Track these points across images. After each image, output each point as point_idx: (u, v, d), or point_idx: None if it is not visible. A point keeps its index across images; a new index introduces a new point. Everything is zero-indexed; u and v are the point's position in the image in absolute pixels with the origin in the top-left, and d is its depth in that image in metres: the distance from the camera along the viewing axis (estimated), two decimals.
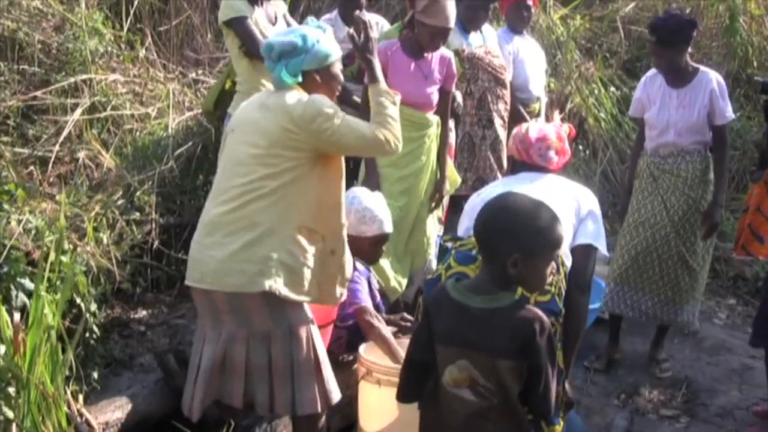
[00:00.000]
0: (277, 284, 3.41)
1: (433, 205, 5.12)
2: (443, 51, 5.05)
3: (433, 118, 5.04)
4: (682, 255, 5.19)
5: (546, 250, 2.71)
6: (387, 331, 4.15)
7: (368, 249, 4.34)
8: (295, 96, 3.51)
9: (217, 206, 3.52)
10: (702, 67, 5.24)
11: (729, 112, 5.12)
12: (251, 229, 3.42)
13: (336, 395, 3.66)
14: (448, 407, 2.78)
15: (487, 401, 2.69)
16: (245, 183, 3.46)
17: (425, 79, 4.96)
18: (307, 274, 3.51)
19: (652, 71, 5.37)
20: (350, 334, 4.33)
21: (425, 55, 4.98)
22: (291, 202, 3.45)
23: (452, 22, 4.84)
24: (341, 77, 3.73)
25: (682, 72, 5.14)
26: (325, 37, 3.61)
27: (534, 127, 3.82)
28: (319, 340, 3.65)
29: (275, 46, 3.52)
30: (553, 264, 2.81)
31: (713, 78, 5.13)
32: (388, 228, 4.39)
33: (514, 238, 2.67)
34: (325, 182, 3.57)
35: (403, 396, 3.01)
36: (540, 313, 2.69)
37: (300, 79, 3.55)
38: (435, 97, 5.02)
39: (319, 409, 3.59)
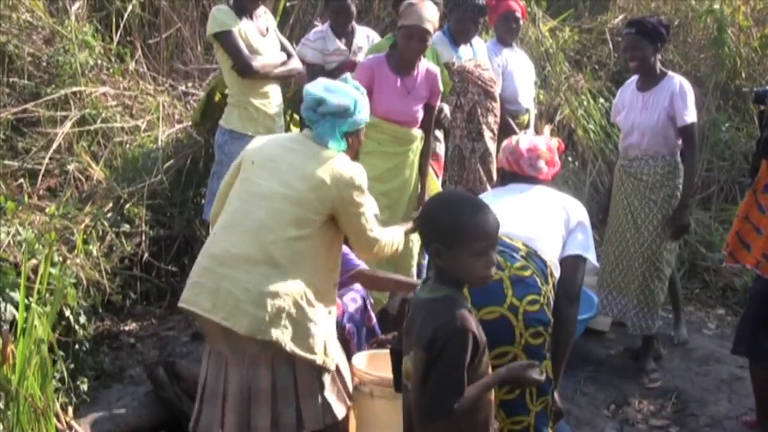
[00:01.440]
0: (284, 336, 3.35)
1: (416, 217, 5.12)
2: (430, 66, 5.06)
3: (417, 133, 5.06)
4: (648, 257, 5.27)
5: (463, 240, 2.64)
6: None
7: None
8: (342, 157, 3.52)
9: (236, 236, 3.43)
10: (670, 73, 5.34)
11: (688, 116, 5.14)
12: (271, 269, 3.36)
13: (349, 402, 3.72)
14: (403, 399, 2.85)
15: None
16: (270, 221, 3.39)
17: (409, 95, 4.97)
18: (314, 330, 3.44)
19: (630, 80, 5.50)
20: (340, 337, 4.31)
21: (411, 70, 4.98)
22: (309, 255, 3.42)
23: (427, 24, 4.79)
24: (363, 139, 3.79)
25: (651, 73, 5.25)
26: (364, 102, 3.64)
27: (524, 139, 3.85)
28: (338, 345, 3.70)
29: (328, 104, 3.47)
30: (500, 259, 2.84)
31: (677, 81, 5.21)
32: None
33: (433, 227, 2.70)
34: (336, 244, 3.59)
35: (395, 385, 3.04)
36: (464, 315, 2.60)
37: (345, 147, 3.58)
38: (420, 114, 5.03)
39: (344, 413, 3.62)
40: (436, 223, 2.69)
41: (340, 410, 3.59)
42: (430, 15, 4.81)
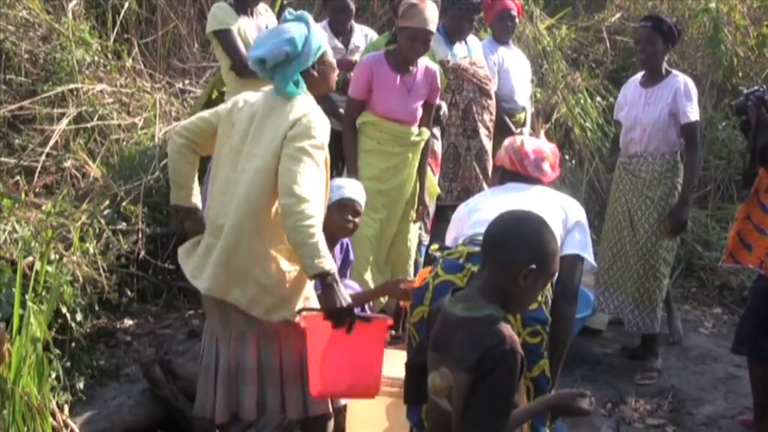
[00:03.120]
0: (242, 298, 3.41)
1: (415, 215, 5.12)
2: (428, 63, 5.05)
3: (417, 132, 5.04)
4: (643, 255, 5.28)
5: (555, 269, 2.66)
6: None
7: (338, 219, 4.24)
8: (303, 104, 3.49)
9: (220, 206, 3.51)
10: (675, 71, 5.37)
11: (692, 113, 5.19)
12: (244, 235, 3.41)
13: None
14: (430, 415, 2.77)
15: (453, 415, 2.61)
16: (246, 193, 3.42)
17: (409, 94, 4.95)
18: (284, 293, 3.46)
19: (634, 77, 5.53)
20: None
21: (410, 68, 4.96)
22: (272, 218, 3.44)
23: (431, 25, 4.76)
24: (335, 62, 3.69)
25: (657, 70, 5.29)
26: (310, 30, 3.53)
27: (529, 140, 3.86)
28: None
29: (267, 59, 3.45)
30: None
31: (681, 80, 5.25)
32: (349, 193, 4.29)
33: (537, 249, 2.59)
34: None
35: (406, 398, 3.03)
36: (510, 332, 2.52)
37: (304, 87, 3.54)
38: (419, 112, 5.01)
39: (330, 410, 3.60)
40: (544, 247, 2.60)
41: (323, 405, 3.57)
42: (433, 15, 4.79)
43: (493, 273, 2.62)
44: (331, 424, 3.68)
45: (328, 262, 3.25)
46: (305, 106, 3.48)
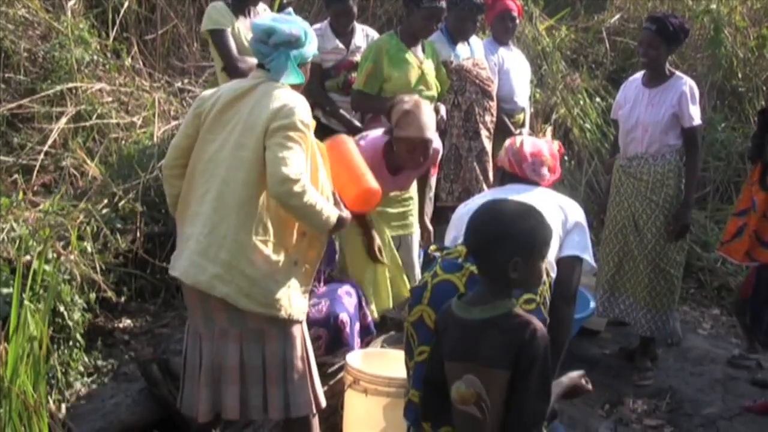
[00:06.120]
0: (223, 289, 3.40)
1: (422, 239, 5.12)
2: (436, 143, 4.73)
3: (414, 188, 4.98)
4: (653, 259, 5.26)
5: (543, 247, 2.70)
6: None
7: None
8: (289, 94, 3.48)
9: (200, 198, 3.50)
10: (678, 73, 5.35)
11: (696, 117, 5.18)
12: (223, 222, 3.42)
13: (323, 399, 3.65)
14: (458, 425, 2.73)
15: (489, 418, 2.62)
16: (227, 185, 3.43)
17: (405, 184, 4.86)
18: (271, 285, 3.45)
19: (634, 76, 5.51)
20: (330, 334, 4.28)
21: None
22: (262, 205, 3.43)
23: (429, 132, 4.41)
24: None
25: (660, 72, 5.25)
26: (313, 34, 3.60)
27: (528, 142, 3.85)
28: (309, 340, 3.64)
29: (277, 32, 3.44)
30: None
31: (686, 82, 5.22)
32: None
33: (511, 242, 2.63)
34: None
35: (425, 416, 2.98)
36: (535, 320, 2.64)
37: (302, 79, 3.55)
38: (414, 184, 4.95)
39: (313, 411, 3.58)
40: (519, 236, 2.64)
41: (306, 406, 3.55)
42: (430, 120, 4.47)
43: (488, 274, 2.71)
44: (315, 423, 3.66)
45: (334, 211, 3.52)
46: (285, 96, 3.46)
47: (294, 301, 3.51)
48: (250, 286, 3.40)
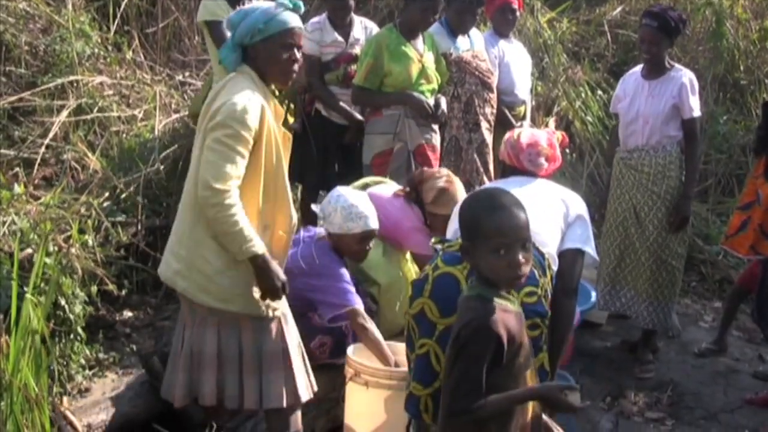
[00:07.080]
0: (184, 284, 3.48)
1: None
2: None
3: None
4: (654, 251, 5.27)
5: (481, 236, 2.60)
6: (378, 333, 4.12)
7: (355, 247, 4.32)
8: (235, 85, 3.45)
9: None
10: (678, 65, 5.38)
11: (696, 109, 5.20)
12: (187, 222, 3.50)
13: (305, 394, 3.61)
14: None
15: None
16: (189, 178, 3.52)
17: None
18: (225, 281, 3.44)
19: (633, 69, 5.53)
20: (335, 340, 4.31)
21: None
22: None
23: None
24: (298, 56, 3.55)
25: (660, 65, 5.27)
26: (272, 10, 3.49)
27: (526, 133, 3.85)
28: (291, 334, 3.63)
29: (232, 20, 3.56)
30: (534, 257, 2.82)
31: (686, 74, 5.25)
32: (374, 224, 4.32)
33: (464, 225, 2.71)
34: (248, 183, 3.40)
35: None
36: (489, 315, 2.54)
37: (238, 65, 3.53)
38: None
39: (285, 404, 3.54)
40: (462, 220, 2.71)
41: (278, 398, 3.53)
42: (463, 194, 4.58)
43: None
44: (294, 417, 3.65)
45: (256, 245, 3.32)
46: (231, 90, 3.40)
47: (255, 297, 3.48)
48: (207, 282, 3.43)
